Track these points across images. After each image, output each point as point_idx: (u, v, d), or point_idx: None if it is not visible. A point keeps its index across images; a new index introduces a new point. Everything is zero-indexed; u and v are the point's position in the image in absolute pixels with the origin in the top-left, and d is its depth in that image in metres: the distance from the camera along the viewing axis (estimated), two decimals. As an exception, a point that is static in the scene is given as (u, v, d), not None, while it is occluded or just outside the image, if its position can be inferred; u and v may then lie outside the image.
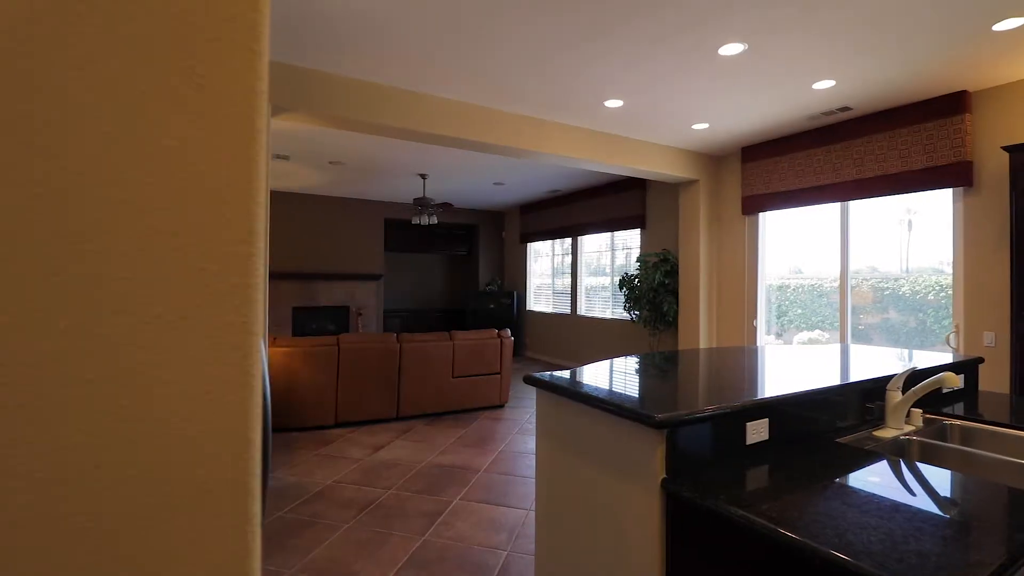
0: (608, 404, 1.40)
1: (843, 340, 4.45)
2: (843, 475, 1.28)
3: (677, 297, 5.82)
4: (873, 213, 4.45)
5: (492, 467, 3.62)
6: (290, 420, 4.38)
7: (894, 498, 1.13)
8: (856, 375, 1.86)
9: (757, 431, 1.44)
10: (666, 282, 5.88)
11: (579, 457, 1.54)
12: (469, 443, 4.16)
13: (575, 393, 1.54)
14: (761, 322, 5.19)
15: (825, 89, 3.68)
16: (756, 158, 5.07)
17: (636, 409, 1.31)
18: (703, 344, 5.46)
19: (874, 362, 2.20)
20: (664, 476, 1.27)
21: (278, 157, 5.91)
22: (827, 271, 4.78)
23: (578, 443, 1.55)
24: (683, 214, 5.70)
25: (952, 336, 3.88)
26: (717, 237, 5.59)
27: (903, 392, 1.86)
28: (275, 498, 3.08)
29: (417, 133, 3.90)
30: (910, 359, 2.32)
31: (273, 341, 4.37)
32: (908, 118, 3.97)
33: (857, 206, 4.51)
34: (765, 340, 5.20)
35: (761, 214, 5.18)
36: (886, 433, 1.75)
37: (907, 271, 4.27)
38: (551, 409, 1.68)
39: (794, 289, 5.09)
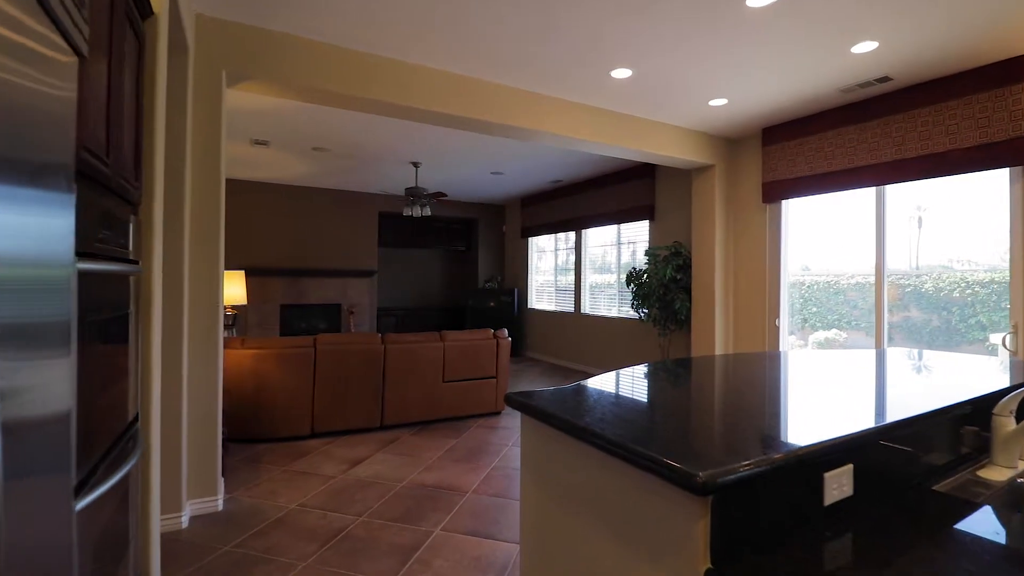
0: (619, 448, 0.94)
1: (879, 344, 3.96)
2: (967, 550, 0.82)
3: (690, 294, 5.35)
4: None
5: (483, 487, 3.17)
6: (260, 430, 3.94)
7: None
8: (945, 395, 1.39)
9: (838, 484, 0.99)
10: (677, 277, 5.41)
11: (577, 517, 1.09)
12: (459, 457, 3.71)
13: (571, 426, 1.08)
14: (784, 322, 4.71)
15: (865, 53, 3.20)
16: (779, 139, 4.58)
17: (664, 460, 0.85)
18: (719, 346, 4.98)
19: (942, 372, 1.73)
20: (709, 566, 0.81)
21: (257, 143, 5.47)
22: (845, 266, 4.36)
23: (576, 496, 1.10)
24: (696, 203, 5.22)
25: (1008, 337, 3.40)
26: (734, 228, 5.11)
27: (1016, 418, 1.40)
28: (226, 526, 2.64)
29: (403, 108, 3.46)
30: (991, 368, 1.85)
31: (242, 343, 3.94)
32: (958, 89, 3.48)
33: (867, 200, 4.07)
34: (788, 342, 4.72)
35: (784, 202, 4.70)
36: (995, 474, 1.29)
37: (917, 267, 3.91)
38: (537, 440, 1.23)
39: (808, 286, 4.65)
